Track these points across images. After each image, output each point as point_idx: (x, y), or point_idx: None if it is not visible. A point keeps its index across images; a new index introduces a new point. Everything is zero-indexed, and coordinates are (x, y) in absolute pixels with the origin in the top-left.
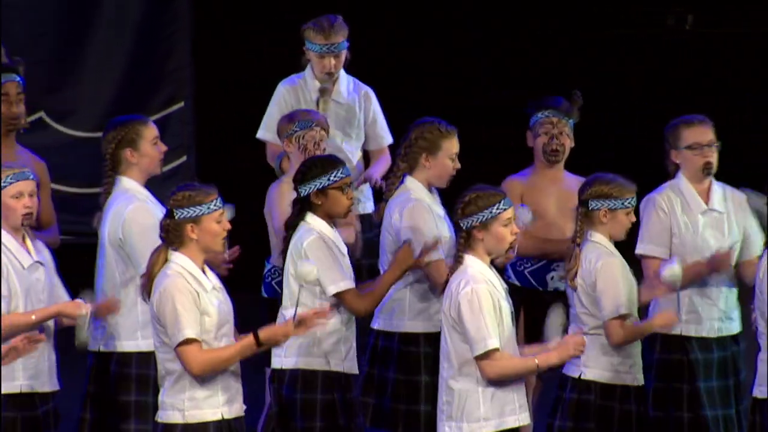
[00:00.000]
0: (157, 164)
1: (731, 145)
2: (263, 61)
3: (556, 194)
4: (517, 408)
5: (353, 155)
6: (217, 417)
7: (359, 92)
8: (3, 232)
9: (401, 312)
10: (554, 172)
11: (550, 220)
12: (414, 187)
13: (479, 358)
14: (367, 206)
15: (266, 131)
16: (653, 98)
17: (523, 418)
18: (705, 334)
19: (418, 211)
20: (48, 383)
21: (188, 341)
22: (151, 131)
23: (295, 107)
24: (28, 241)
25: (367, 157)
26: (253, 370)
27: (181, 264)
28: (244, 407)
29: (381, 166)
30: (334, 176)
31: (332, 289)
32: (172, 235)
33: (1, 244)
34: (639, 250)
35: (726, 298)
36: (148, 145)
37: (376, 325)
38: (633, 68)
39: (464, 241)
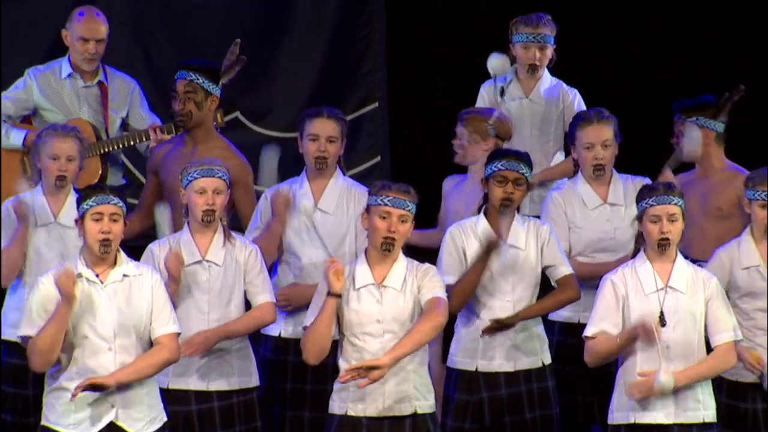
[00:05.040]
0: None
1: None
2: (457, 62)
3: (700, 193)
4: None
5: (550, 154)
6: (342, 412)
7: (559, 92)
8: (185, 227)
9: None
10: (701, 170)
11: (689, 220)
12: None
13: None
14: None
15: None
16: None
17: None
18: None
19: (547, 200)
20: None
21: None
22: None
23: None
24: (216, 238)
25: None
26: None
27: None
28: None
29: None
30: (493, 166)
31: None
32: None
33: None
34: None
35: None
36: None
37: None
38: None
39: None
